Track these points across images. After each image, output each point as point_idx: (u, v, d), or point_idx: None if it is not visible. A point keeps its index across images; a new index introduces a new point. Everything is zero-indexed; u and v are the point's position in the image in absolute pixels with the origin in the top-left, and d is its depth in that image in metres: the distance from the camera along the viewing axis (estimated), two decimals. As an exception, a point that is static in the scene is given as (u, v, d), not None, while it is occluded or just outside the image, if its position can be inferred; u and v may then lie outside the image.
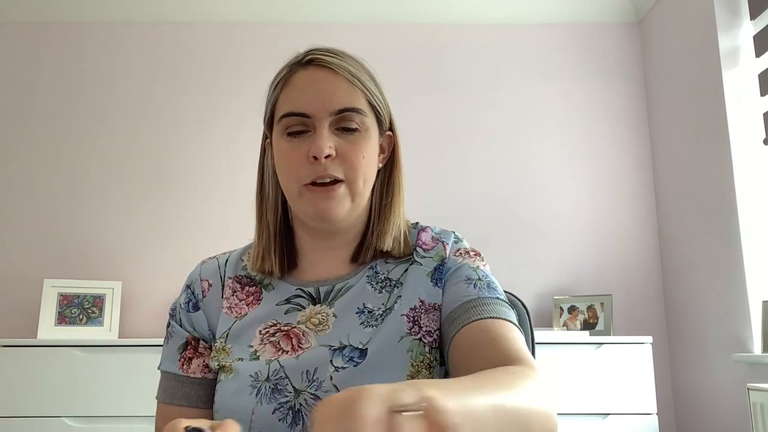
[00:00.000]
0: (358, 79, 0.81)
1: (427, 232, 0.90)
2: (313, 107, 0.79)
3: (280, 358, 0.79)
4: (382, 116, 0.86)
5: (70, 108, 2.83)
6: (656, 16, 2.78)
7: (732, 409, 2.21)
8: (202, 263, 0.92)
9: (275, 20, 2.91)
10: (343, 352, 0.78)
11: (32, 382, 2.20)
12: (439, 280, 0.84)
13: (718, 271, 2.31)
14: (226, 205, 2.76)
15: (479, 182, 2.80)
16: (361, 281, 0.85)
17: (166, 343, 0.89)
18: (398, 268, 0.86)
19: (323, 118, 0.79)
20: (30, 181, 2.76)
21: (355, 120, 0.81)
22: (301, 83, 0.81)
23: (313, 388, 0.77)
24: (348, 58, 0.84)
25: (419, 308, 0.82)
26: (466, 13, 2.92)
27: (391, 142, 0.90)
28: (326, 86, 0.80)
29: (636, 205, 2.79)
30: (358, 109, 0.81)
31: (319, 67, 0.81)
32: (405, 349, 0.79)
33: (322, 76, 0.81)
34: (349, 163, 0.79)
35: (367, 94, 0.82)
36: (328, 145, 0.78)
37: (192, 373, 0.85)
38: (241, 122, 2.82)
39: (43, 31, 2.90)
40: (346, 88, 0.81)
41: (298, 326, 0.82)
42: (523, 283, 2.69)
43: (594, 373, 2.24)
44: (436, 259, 0.86)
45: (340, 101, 0.80)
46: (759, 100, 2.26)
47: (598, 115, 2.87)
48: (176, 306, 0.90)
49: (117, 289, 2.59)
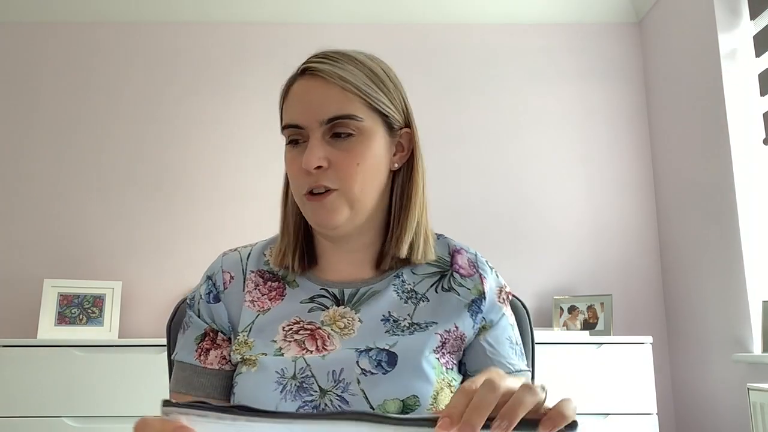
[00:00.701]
0: (351, 84, 0.80)
1: (462, 255, 0.91)
2: (304, 118, 0.81)
3: (306, 356, 0.80)
4: (391, 116, 0.84)
5: (71, 108, 2.83)
6: (656, 16, 2.78)
7: (732, 409, 2.21)
8: (223, 255, 0.92)
9: (276, 21, 2.91)
10: (369, 354, 0.79)
11: (32, 382, 2.20)
12: (475, 314, 0.86)
13: (718, 271, 2.31)
14: (227, 205, 2.76)
15: (479, 182, 2.80)
16: (387, 288, 0.86)
17: (182, 334, 0.89)
18: (425, 282, 0.87)
19: (315, 129, 0.80)
20: (30, 181, 2.76)
21: (350, 126, 0.80)
22: (296, 94, 0.83)
23: (339, 389, 0.77)
24: (345, 63, 0.82)
25: (452, 332, 0.84)
26: (465, 13, 2.91)
27: (410, 139, 0.88)
28: (316, 96, 0.81)
29: (636, 205, 2.79)
30: (351, 115, 0.80)
31: (312, 76, 0.82)
32: (431, 365, 0.80)
33: (313, 86, 0.81)
34: (341, 172, 0.80)
35: (363, 98, 0.81)
36: (317, 157, 0.79)
37: (209, 364, 0.85)
38: (241, 123, 2.82)
39: (46, 31, 2.90)
40: (338, 96, 0.80)
41: (323, 328, 0.82)
42: (523, 283, 2.69)
43: (594, 373, 2.24)
44: (474, 293, 0.87)
45: (330, 110, 0.80)
46: (759, 100, 2.26)
47: (598, 115, 2.86)
48: (195, 296, 0.89)
49: (117, 289, 2.59)
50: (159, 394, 1.86)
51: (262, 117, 2.77)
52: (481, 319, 0.86)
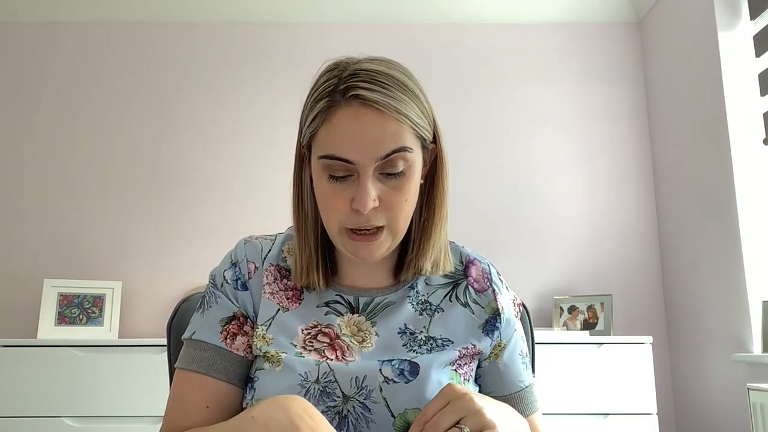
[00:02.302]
0: (405, 116, 0.74)
1: (477, 266, 0.90)
2: (358, 154, 0.73)
3: (329, 362, 0.79)
4: (428, 138, 0.80)
5: (71, 108, 2.84)
6: (656, 16, 2.78)
7: (732, 409, 2.21)
8: (245, 242, 0.89)
9: (276, 21, 2.91)
10: (392, 362, 0.79)
11: (32, 382, 2.20)
12: (491, 332, 0.86)
13: (718, 271, 2.31)
14: (227, 205, 2.76)
15: (479, 182, 2.80)
16: (402, 300, 0.85)
17: (201, 312, 0.85)
18: (438, 293, 0.87)
19: (368, 166, 0.74)
20: (30, 181, 2.76)
21: (402, 160, 0.75)
22: (345, 124, 0.74)
23: (362, 396, 0.77)
24: (395, 89, 0.75)
25: (470, 348, 0.85)
26: (465, 13, 2.91)
27: (434, 153, 0.83)
28: (372, 131, 0.73)
29: (636, 205, 2.79)
30: (405, 148, 0.75)
31: (363, 105, 0.73)
32: (448, 377, 0.81)
33: (367, 119, 0.73)
34: (392, 211, 0.77)
35: (414, 127, 0.76)
36: (373, 198, 0.74)
37: (235, 349, 0.82)
38: (242, 123, 2.82)
39: (46, 31, 2.90)
40: (394, 130, 0.74)
41: (342, 338, 0.82)
42: (523, 283, 2.69)
43: (594, 373, 2.24)
44: (488, 311, 0.87)
45: (387, 147, 0.74)
46: (759, 100, 2.26)
47: (598, 115, 2.87)
48: (219, 276, 0.86)
49: (117, 289, 2.59)
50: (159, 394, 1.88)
51: (262, 117, 2.77)
52: (497, 336, 0.87)
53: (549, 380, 2.20)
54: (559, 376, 2.22)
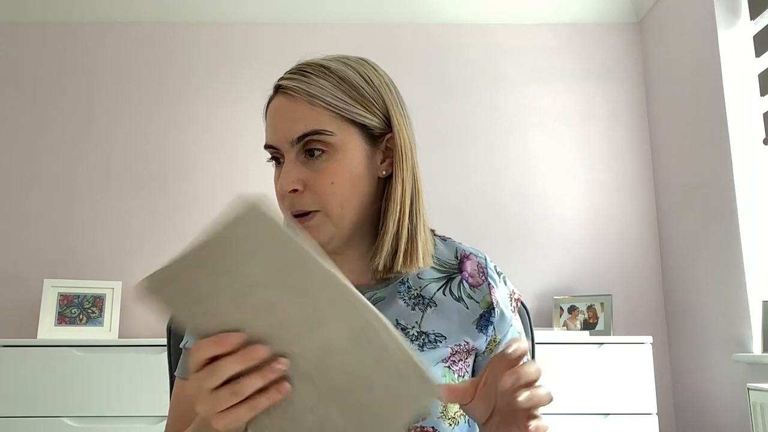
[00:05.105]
0: (318, 98, 0.78)
1: (472, 261, 0.89)
2: (276, 139, 0.81)
3: None
4: (368, 124, 0.81)
5: (71, 109, 2.83)
6: (656, 16, 2.78)
7: (732, 409, 2.21)
8: None
9: (277, 20, 2.91)
10: None
11: (32, 382, 2.20)
12: (484, 327, 0.85)
13: (718, 271, 2.31)
14: (226, 205, 2.75)
15: (479, 182, 2.80)
16: (393, 296, 0.85)
17: None
18: (431, 286, 0.86)
19: (288, 150, 0.80)
20: (31, 181, 2.76)
21: (321, 142, 0.78)
22: (270, 115, 0.83)
23: None
24: (314, 76, 0.79)
25: (463, 345, 0.84)
26: (465, 13, 2.91)
27: (390, 143, 0.84)
28: (285, 115, 0.80)
29: (636, 205, 2.79)
30: (319, 131, 0.78)
31: (282, 94, 0.81)
32: (441, 373, 0.81)
33: (282, 105, 0.81)
34: (317, 194, 0.79)
35: (332, 110, 0.78)
36: (292, 180, 0.78)
37: None
38: (243, 124, 2.82)
39: (48, 31, 2.90)
40: (305, 113, 0.78)
41: None
42: (523, 283, 2.69)
43: (594, 373, 2.24)
44: (483, 305, 0.86)
45: (297, 128, 0.78)
46: (759, 100, 2.26)
47: (598, 115, 2.86)
48: None
49: (117, 289, 2.59)
50: (159, 394, 1.87)
51: (263, 118, 2.76)
52: (491, 332, 0.86)
53: (549, 380, 2.20)
54: (559, 376, 2.22)
